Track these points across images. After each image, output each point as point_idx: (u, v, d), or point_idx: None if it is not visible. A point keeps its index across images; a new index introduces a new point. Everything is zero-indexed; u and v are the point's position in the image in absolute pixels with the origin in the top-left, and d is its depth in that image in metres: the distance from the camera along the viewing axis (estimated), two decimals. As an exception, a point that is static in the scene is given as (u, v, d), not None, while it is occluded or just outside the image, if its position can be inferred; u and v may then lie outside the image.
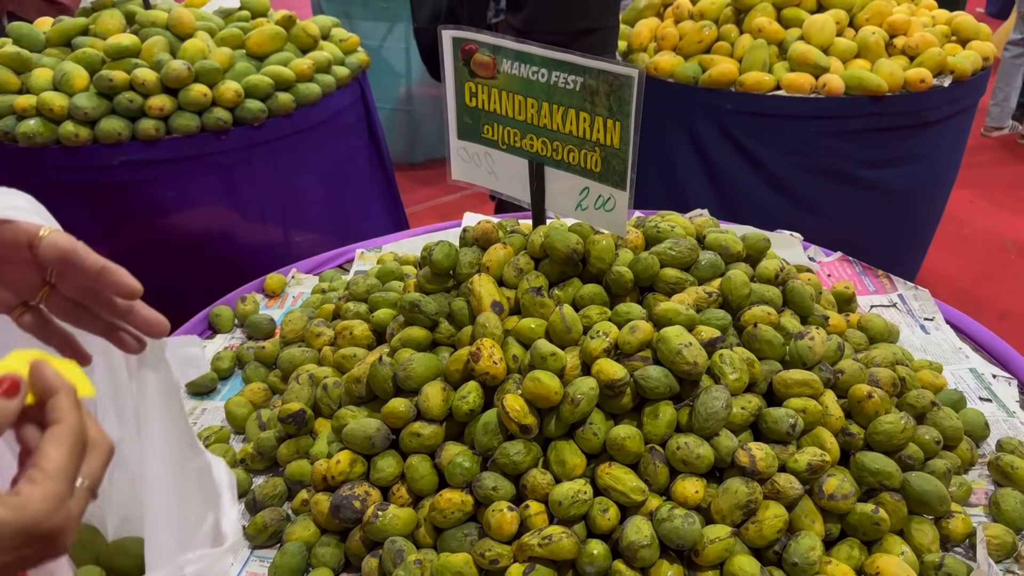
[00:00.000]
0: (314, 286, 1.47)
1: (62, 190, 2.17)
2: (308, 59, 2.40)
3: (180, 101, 2.17)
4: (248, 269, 2.37)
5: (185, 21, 2.34)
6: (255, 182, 2.33)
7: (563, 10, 2.61)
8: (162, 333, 0.57)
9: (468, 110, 1.22)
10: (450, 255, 1.12)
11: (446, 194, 3.87)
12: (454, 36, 1.18)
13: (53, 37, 2.37)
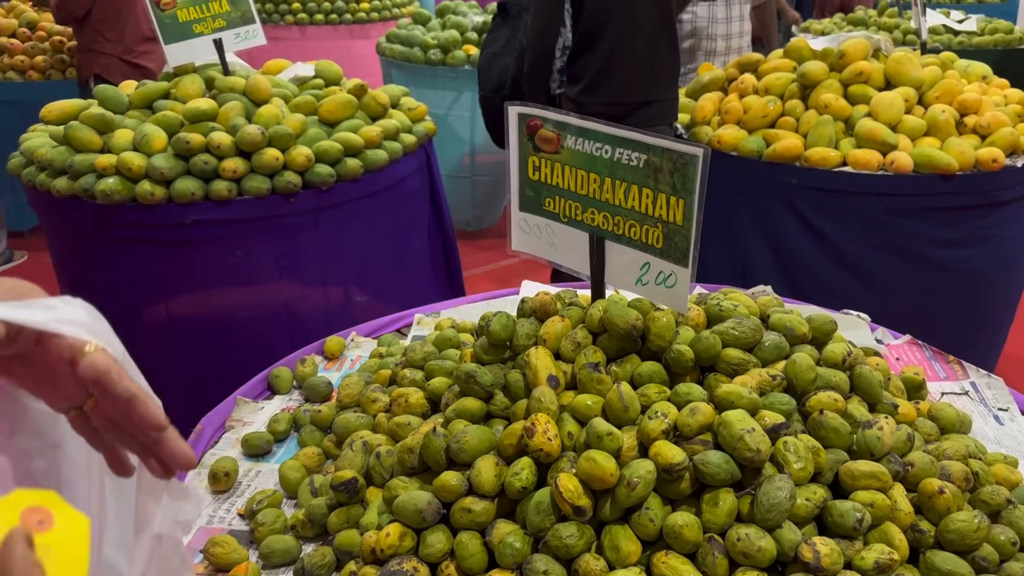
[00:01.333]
0: (372, 350, 1.48)
1: (136, 246, 2.25)
2: (377, 127, 2.47)
3: (253, 164, 2.24)
4: (308, 329, 2.41)
5: (262, 88, 2.44)
6: (320, 244, 2.38)
7: (620, 82, 2.65)
8: (188, 467, 0.58)
9: (531, 183, 1.23)
10: (508, 326, 1.12)
11: (503, 259, 3.90)
12: (519, 112, 1.20)
13: (136, 100, 2.49)
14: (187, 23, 2.57)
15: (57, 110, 2.56)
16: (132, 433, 0.55)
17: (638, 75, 2.66)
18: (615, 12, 2.61)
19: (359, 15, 5.51)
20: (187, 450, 0.57)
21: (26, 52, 4.01)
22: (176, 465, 0.57)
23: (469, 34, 3.89)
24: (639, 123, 2.63)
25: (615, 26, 2.62)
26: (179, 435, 0.56)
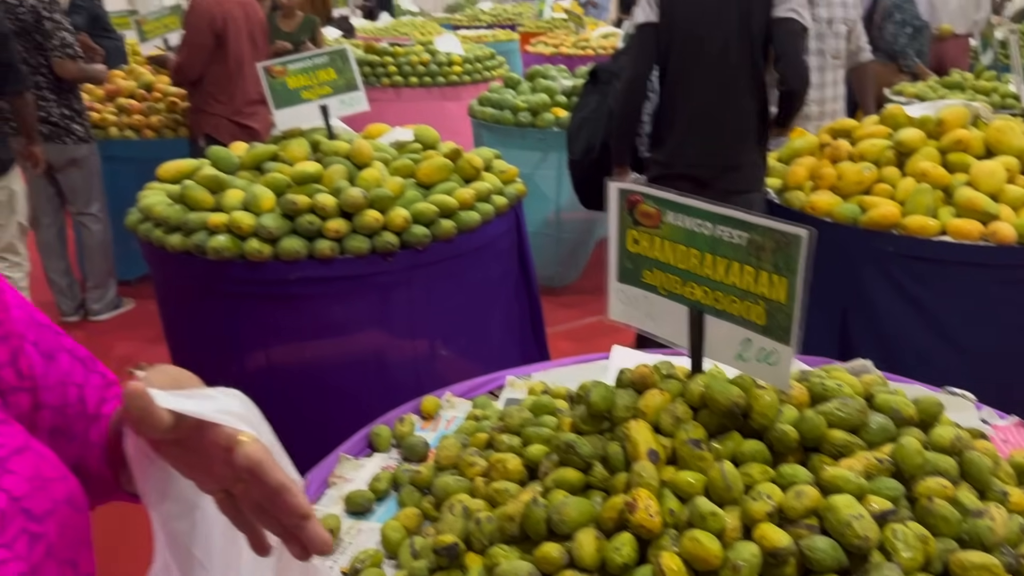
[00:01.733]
0: (468, 412, 1.51)
1: (243, 300, 2.36)
2: (471, 189, 2.55)
3: (355, 224, 2.34)
4: (398, 382, 2.48)
5: (364, 152, 2.55)
6: (412, 301, 2.46)
7: (705, 145, 2.66)
8: (326, 553, 0.62)
9: (630, 255, 1.25)
10: (607, 398, 1.14)
11: (584, 317, 3.91)
12: (620, 188, 1.23)
13: (246, 161, 2.64)
14: (296, 90, 2.72)
15: (173, 169, 2.73)
16: (277, 518, 0.59)
17: (724, 139, 2.67)
18: (699, 76, 2.64)
19: (451, 78, 5.71)
20: (326, 537, 0.60)
21: (143, 112, 4.29)
22: (315, 550, 0.60)
23: (558, 97, 3.98)
24: (726, 186, 2.63)
25: (699, 89, 2.65)
26: (319, 522, 0.60)
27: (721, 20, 2.58)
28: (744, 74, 2.63)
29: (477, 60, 5.92)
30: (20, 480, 0.60)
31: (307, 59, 2.74)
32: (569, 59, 6.39)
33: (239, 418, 0.59)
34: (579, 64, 5.50)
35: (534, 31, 8.66)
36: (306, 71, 2.72)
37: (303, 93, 2.73)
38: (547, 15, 9.54)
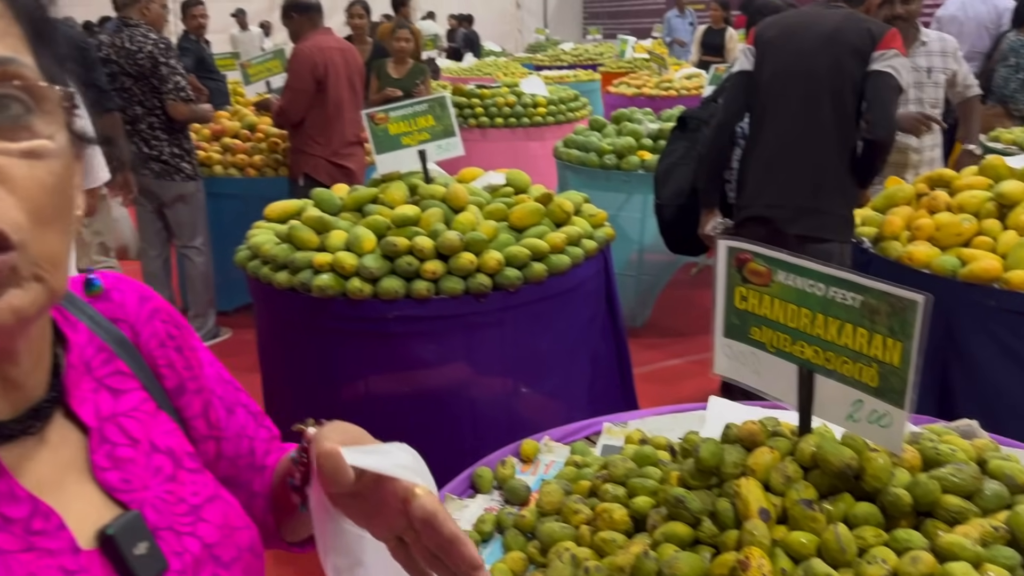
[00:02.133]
0: (567, 458, 1.55)
1: (344, 336, 2.46)
2: (562, 233, 2.60)
3: (450, 266, 2.42)
4: (488, 421, 2.53)
5: (459, 196, 2.64)
6: (503, 342, 2.52)
7: (780, 189, 2.65)
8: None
9: (737, 312, 1.28)
10: (716, 454, 1.16)
11: (667, 359, 3.91)
12: (729, 246, 1.27)
13: (348, 203, 2.76)
14: (397, 136, 2.85)
15: (279, 209, 2.88)
16: (450, 567, 0.63)
17: (801, 183, 2.65)
18: (781, 121, 2.65)
19: (535, 119, 5.83)
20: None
21: (246, 151, 4.52)
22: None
23: (644, 140, 4.03)
24: (802, 231, 2.62)
25: (781, 134, 2.65)
26: (487, 572, 0.64)
27: (810, 69, 2.60)
28: (830, 124, 2.62)
29: (561, 102, 6.03)
30: (212, 528, 0.66)
31: (408, 107, 2.86)
32: (652, 100, 6.44)
33: (413, 471, 0.64)
34: (663, 106, 5.54)
35: (616, 71, 8.75)
36: (407, 118, 2.84)
37: (403, 139, 2.85)
38: (629, 55, 9.63)
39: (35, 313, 0.53)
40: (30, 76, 0.53)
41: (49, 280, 0.53)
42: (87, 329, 0.66)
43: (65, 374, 0.62)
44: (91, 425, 0.63)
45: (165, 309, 0.73)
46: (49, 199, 0.53)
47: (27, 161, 0.52)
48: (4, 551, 0.54)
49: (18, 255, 0.51)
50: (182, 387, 0.72)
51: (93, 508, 0.60)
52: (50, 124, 0.54)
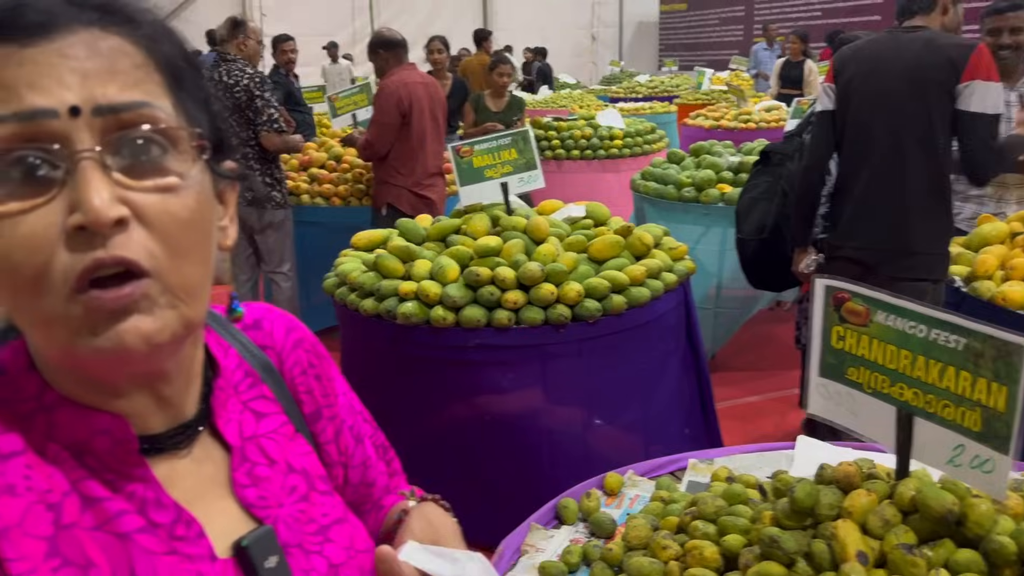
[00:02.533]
0: (653, 493, 1.55)
1: (427, 363, 2.51)
2: (641, 266, 2.61)
3: (531, 297, 2.46)
4: (565, 451, 2.54)
5: (541, 228, 2.68)
6: (582, 373, 2.53)
7: (876, 228, 2.60)
8: None
9: (833, 351, 1.27)
10: (812, 495, 1.15)
11: (746, 395, 3.85)
12: (827, 284, 1.26)
13: (432, 233, 2.83)
14: (480, 168, 2.91)
15: (365, 238, 2.97)
16: None
17: (893, 225, 2.60)
18: (870, 162, 2.60)
19: (611, 151, 5.86)
20: None
21: (332, 181, 4.67)
22: None
23: (724, 173, 4.01)
24: (895, 272, 2.56)
25: (869, 175, 2.60)
26: None
27: (895, 110, 2.55)
28: (920, 165, 2.56)
29: (638, 134, 6.05)
30: (338, 549, 0.70)
31: (492, 140, 2.92)
32: (731, 133, 6.40)
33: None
34: (742, 138, 5.50)
35: (692, 104, 8.73)
36: (490, 151, 2.91)
37: (486, 171, 2.91)
38: (706, 87, 9.60)
39: (167, 340, 0.56)
40: (165, 119, 0.57)
41: (184, 309, 0.57)
42: (237, 354, 0.71)
43: (213, 395, 0.67)
44: (234, 444, 0.68)
45: (308, 339, 0.78)
46: (183, 232, 0.57)
47: (161, 196, 0.56)
48: (150, 551, 0.58)
49: (151, 283, 0.55)
50: (318, 413, 0.76)
51: (231, 521, 0.65)
52: (184, 162, 0.58)
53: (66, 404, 0.59)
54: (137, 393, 0.61)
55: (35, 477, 0.57)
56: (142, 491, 0.60)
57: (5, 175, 0.53)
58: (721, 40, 16.84)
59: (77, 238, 0.53)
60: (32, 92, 0.53)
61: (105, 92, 0.54)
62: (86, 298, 0.53)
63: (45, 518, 0.56)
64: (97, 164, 0.53)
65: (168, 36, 0.61)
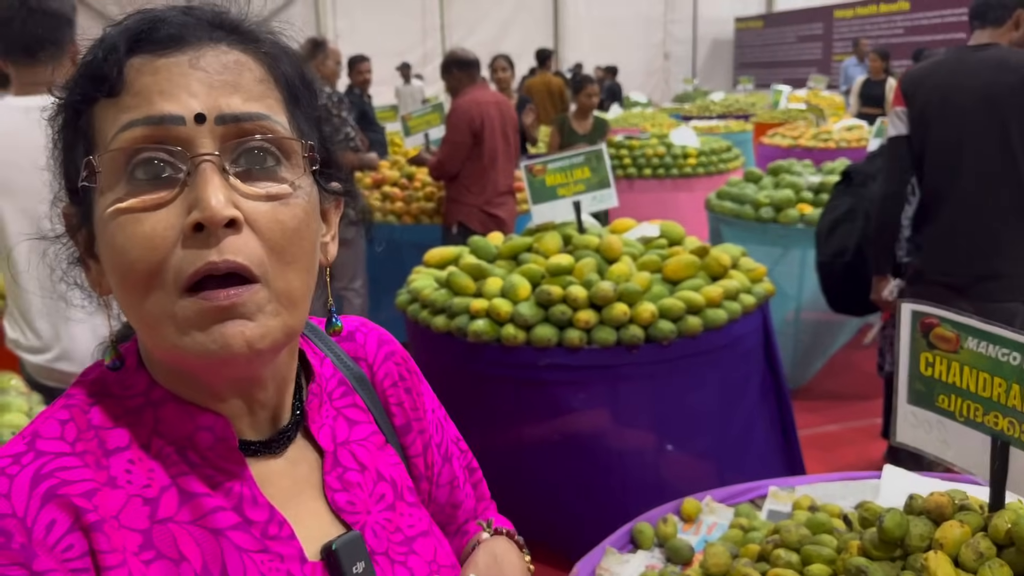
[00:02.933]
0: (732, 520, 1.51)
1: (496, 381, 2.52)
2: (719, 287, 2.57)
3: (603, 316, 2.44)
4: (637, 475, 2.50)
5: (614, 247, 2.67)
6: (655, 396, 2.49)
7: (962, 253, 2.50)
8: None
9: (922, 378, 1.22)
10: (902, 525, 1.10)
11: (826, 423, 3.73)
12: (914, 310, 1.21)
13: (504, 251, 2.84)
14: (553, 187, 2.91)
15: (437, 256, 3.00)
16: None
17: (984, 246, 2.50)
18: (954, 186, 2.51)
19: (685, 169, 5.80)
20: None
21: (404, 199, 4.74)
22: None
23: (804, 194, 3.92)
24: (981, 297, 2.47)
25: (954, 199, 2.51)
26: None
27: (973, 137, 2.46)
28: (1004, 189, 2.47)
29: (713, 152, 5.97)
30: (422, 562, 0.70)
31: (565, 159, 2.93)
32: (809, 152, 6.25)
33: None
34: (821, 158, 5.37)
35: (769, 122, 8.58)
36: (563, 170, 2.91)
37: (559, 190, 2.91)
38: (783, 106, 9.43)
39: (268, 346, 0.58)
40: (282, 131, 0.60)
41: (286, 316, 0.59)
42: (332, 364, 0.73)
43: (307, 401, 0.69)
44: (327, 449, 0.69)
45: (400, 353, 0.79)
46: (290, 241, 0.59)
47: (271, 205, 0.59)
48: (242, 549, 0.60)
49: (259, 289, 0.57)
50: (408, 426, 0.77)
51: (321, 524, 0.66)
52: (295, 174, 0.61)
53: (172, 400, 0.62)
54: (234, 397, 0.63)
55: (136, 472, 0.59)
56: (239, 488, 0.62)
57: (130, 175, 0.57)
58: (799, 58, 16.54)
59: (193, 238, 0.56)
60: (163, 99, 0.57)
61: (229, 102, 0.58)
62: (196, 297, 0.56)
63: (142, 512, 0.58)
64: (216, 167, 0.57)
65: (287, 56, 0.64)
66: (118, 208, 0.56)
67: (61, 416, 0.60)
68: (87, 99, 0.59)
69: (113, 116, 0.58)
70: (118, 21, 0.60)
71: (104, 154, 0.57)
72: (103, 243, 0.58)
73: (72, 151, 0.61)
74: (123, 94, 0.57)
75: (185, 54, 0.58)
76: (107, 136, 0.58)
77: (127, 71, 0.58)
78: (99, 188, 0.58)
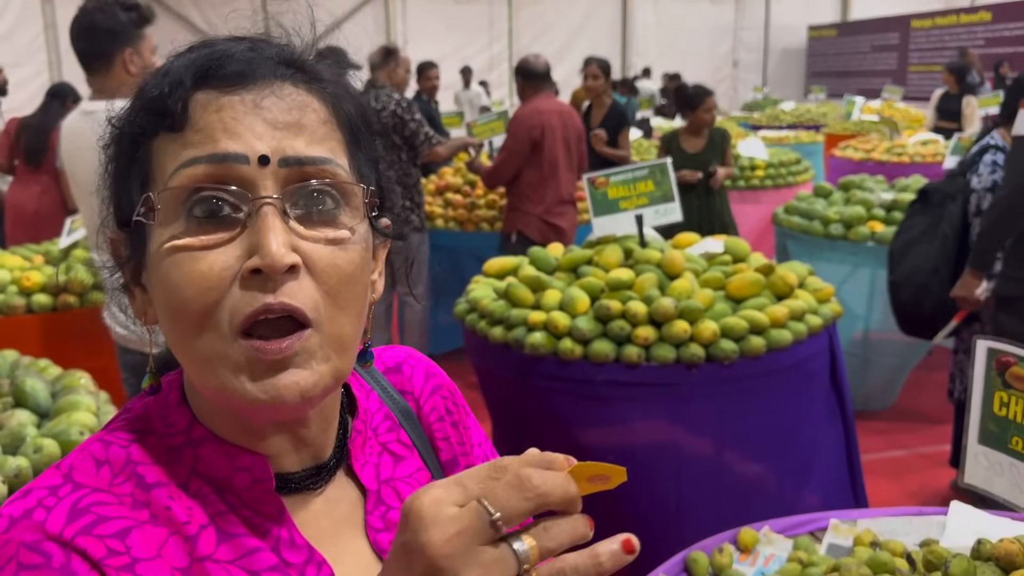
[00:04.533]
0: (790, 553, 1.47)
1: (552, 395, 2.50)
2: (784, 307, 2.50)
3: (662, 333, 2.40)
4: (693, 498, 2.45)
5: (676, 262, 2.62)
6: (715, 417, 2.44)
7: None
8: None
9: (995, 418, 1.17)
10: (969, 572, 1.05)
11: (893, 448, 3.61)
12: (990, 347, 1.16)
13: (563, 263, 2.82)
14: (615, 200, 2.89)
15: (497, 266, 3.00)
16: None
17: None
18: None
19: (752, 181, 5.68)
20: None
21: (465, 207, 4.77)
22: None
23: (876, 211, 3.80)
24: None
25: None
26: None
27: None
28: None
29: (781, 164, 5.84)
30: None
31: (628, 172, 2.90)
32: (882, 166, 6.06)
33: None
34: (894, 173, 5.21)
35: (841, 134, 8.36)
36: (626, 183, 2.88)
37: (621, 203, 2.89)
38: (856, 117, 9.17)
39: (319, 394, 0.58)
40: (343, 176, 0.60)
41: (336, 362, 0.59)
42: (378, 398, 0.73)
43: (351, 437, 0.68)
44: (370, 487, 0.68)
45: (447, 386, 0.78)
46: (346, 285, 0.59)
47: (329, 249, 0.58)
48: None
49: (312, 334, 0.57)
50: (455, 460, 0.76)
51: (361, 563, 0.65)
52: (354, 218, 0.60)
53: (211, 440, 0.62)
54: (277, 435, 0.63)
55: (175, 508, 0.59)
56: (276, 530, 0.62)
57: (189, 212, 0.57)
58: (873, 68, 16.08)
59: (250, 281, 0.55)
60: (227, 137, 0.57)
61: (293, 145, 0.58)
62: (249, 344, 0.56)
63: (182, 548, 0.58)
64: (277, 211, 0.56)
65: (351, 96, 0.64)
66: (175, 245, 0.56)
67: (98, 452, 0.60)
68: (148, 132, 0.59)
69: (175, 152, 0.57)
70: (182, 52, 0.60)
71: (164, 191, 0.57)
72: (156, 278, 0.58)
73: (126, 181, 0.61)
74: (186, 130, 0.57)
75: (250, 92, 0.58)
76: (167, 171, 0.58)
77: (191, 107, 0.58)
78: (155, 224, 0.58)
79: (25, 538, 0.54)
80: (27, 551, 0.53)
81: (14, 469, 1.43)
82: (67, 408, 1.67)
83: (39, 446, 1.50)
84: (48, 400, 1.70)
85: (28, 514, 0.55)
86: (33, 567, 0.53)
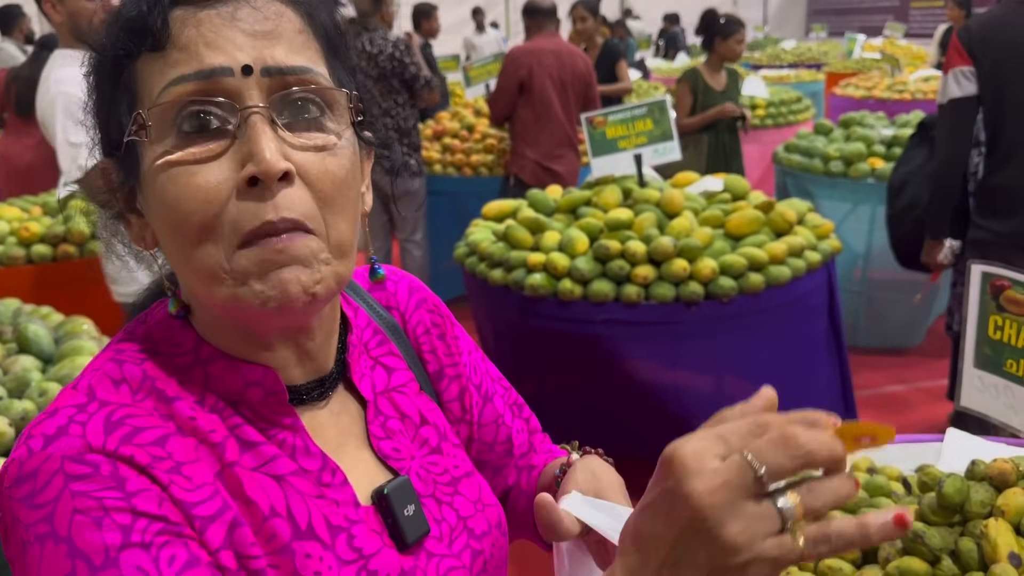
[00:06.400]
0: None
1: (552, 335, 2.52)
2: (783, 243, 2.50)
3: (662, 272, 2.41)
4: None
5: (675, 201, 2.62)
6: (715, 354, 2.46)
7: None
8: None
9: (990, 342, 1.18)
10: (962, 491, 1.07)
11: (890, 384, 3.64)
12: (984, 271, 1.17)
13: (562, 204, 2.81)
14: (614, 139, 2.87)
15: (495, 209, 2.99)
16: None
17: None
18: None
19: (753, 121, 5.61)
20: None
21: (464, 151, 4.73)
22: None
23: (876, 147, 3.76)
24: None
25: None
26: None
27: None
28: None
29: (782, 103, 5.77)
30: (467, 502, 0.71)
31: (627, 111, 2.87)
32: (884, 104, 5.98)
33: None
34: (896, 110, 5.14)
35: (842, 72, 8.24)
36: (625, 122, 2.86)
37: (620, 143, 2.87)
38: (857, 55, 9.03)
39: (323, 293, 0.59)
40: (324, 83, 0.60)
41: (337, 266, 0.60)
42: (366, 314, 0.74)
43: (348, 351, 0.70)
44: (368, 398, 0.70)
45: (431, 300, 0.79)
46: (338, 191, 0.60)
47: (319, 155, 0.59)
48: (304, 494, 0.62)
49: (314, 239, 0.58)
50: (441, 372, 0.78)
51: (368, 471, 0.68)
52: (339, 124, 0.61)
53: (220, 357, 0.63)
54: (283, 347, 0.64)
55: (199, 419, 0.61)
56: (291, 439, 0.64)
57: (179, 128, 0.57)
58: (875, 5, 15.77)
59: (248, 192, 0.56)
60: (210, 52, 0.57)
61: (272, 54, 0.58)
62: (253, 248, 0.56)
63: (211, 455, 0.60)
64: (265, 119, 0.57)
65: (325, 5, 0.64)
66: (168, 160, 0.57)
67: (113, 371, 0.61)
68: (130, 53, 0.59)
69: (160, 70, 0.58)
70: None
71: (154, 107, 0.57)
72: (152, 196, 0.59)
73: (113, 105, 0.61)
74: (168, 47, 0.57)
75: (227, 5, 0.58)
76: (154, 90, 0.58)
77: (171, 23, 0.58)
78: (147, 141, 0.58)
79: (67, 451, 0.55)
80: (72, 463, 0.54)
81: (20, 412, 1.45)
82: (71, 353, 1.68)
83: (44, 390, 1.52)
84: (51, 345, 1.72)
85: (63, 430, 0.56)
86: (82, 477, 0.54)
